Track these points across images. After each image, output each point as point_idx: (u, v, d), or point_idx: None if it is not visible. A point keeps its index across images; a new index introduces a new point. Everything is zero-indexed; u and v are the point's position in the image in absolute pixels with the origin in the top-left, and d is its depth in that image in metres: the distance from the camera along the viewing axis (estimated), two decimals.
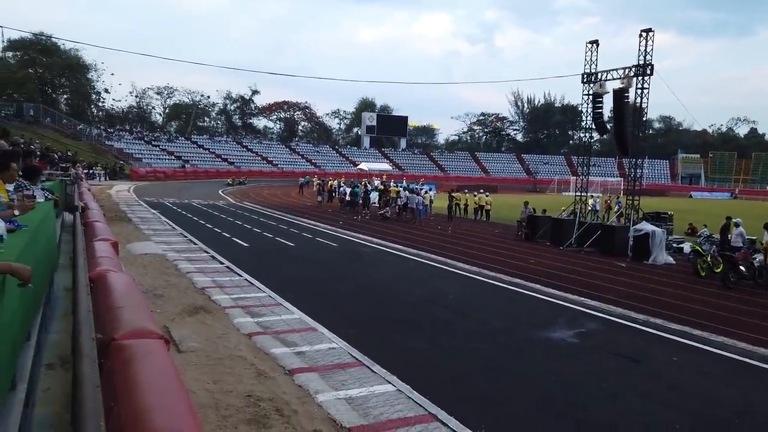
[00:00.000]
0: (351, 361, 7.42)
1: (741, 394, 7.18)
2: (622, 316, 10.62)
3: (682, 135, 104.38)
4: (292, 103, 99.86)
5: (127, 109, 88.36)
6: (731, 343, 9.12)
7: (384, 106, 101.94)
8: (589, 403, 6.57)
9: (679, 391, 7.14)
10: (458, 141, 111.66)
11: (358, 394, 6.31)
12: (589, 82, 20.75)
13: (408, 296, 11.85)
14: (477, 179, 75.24)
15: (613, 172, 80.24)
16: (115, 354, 2.79)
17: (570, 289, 12.77)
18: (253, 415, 5.60)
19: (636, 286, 13.48)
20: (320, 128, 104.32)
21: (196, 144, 75.30)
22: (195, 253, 15.53)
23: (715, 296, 12.82)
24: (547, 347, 8.69)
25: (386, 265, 15.52)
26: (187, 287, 11.27)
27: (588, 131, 22.07)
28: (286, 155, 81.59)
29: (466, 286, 13.17)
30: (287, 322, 9.22)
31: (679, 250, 19.32)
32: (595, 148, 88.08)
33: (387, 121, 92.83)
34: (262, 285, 11.77)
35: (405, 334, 9.08)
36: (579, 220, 20.56)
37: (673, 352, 8.71)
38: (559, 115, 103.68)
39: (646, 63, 18.65)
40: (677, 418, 6.25)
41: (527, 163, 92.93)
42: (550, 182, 69.62)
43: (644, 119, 20.10)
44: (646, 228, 18.14)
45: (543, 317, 10.41)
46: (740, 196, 74.15)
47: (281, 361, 7.25)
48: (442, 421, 5.70)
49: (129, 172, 54.27)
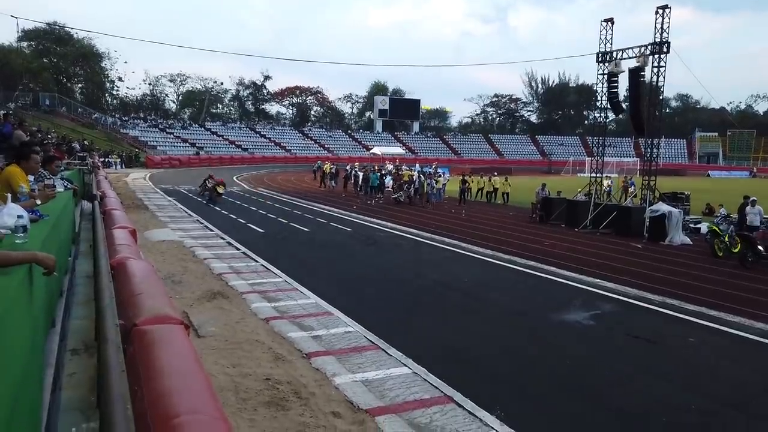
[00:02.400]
0: (367, 345, 7.52)
1: (759, 375, 7.16)
2: (638, 298, 10.59)
3: (699, 113, 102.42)
4: (304, 88, 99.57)
5: (141, 97, 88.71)
6: (749, 323, 9.07)
7: (396, 89, 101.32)
8: (604, 385, 6.60)
9: (695, 372, 7.14)
10: (471, 123, 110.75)
11: (375, 377, 6.40)
12: (604, 62, 20.46)
13: (423, 280, 11.90)
14: (491, 162, 74.78)
15: (629, 152, 79.20)
16: (138, 339, 2.87)
17: (585, 271, 12.74)
18: (271, 397, 5.71)
19: (652, 267, 13.40)
20: (332, 113, 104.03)
21: (210, 131, 75.57)
22: (211, 239, 15.70)
23: (733, 276, 12.71)
24: (563, 329, 8.71)
25: (400, 250, 15.57)
26: (205, 273, 11.43)
27: (603, 111, 21.80)
28: (299, 140, 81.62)
29: (481, 269, 13.18)
30: (303, 306, 9.33)
31: (696, 230, 19.12)
32: (611, 128, 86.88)
33: (399, 104, 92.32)
34: (278, 270, 11.90)
35: (420, 318, 9.15)
36: (594, 202, 20.41)
37: (690, 333, 8.68)
38: (574, 96, 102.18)
39: (662, 41, 18.33)
40: (693, 399, 6.26)
41: (541, 144, 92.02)
42: (564, 164, 68.89)
43: (661, 98, 19.80)
44: (662, 209, 17.96)
45: (558, 300, 10.41)
46: (759, 174, 72.91)
47: (298, 345, 7.36)
48: (457, 403, 5.77)
49: (144, 160, 54.71)
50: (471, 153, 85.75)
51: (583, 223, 19.90)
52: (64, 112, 60.58)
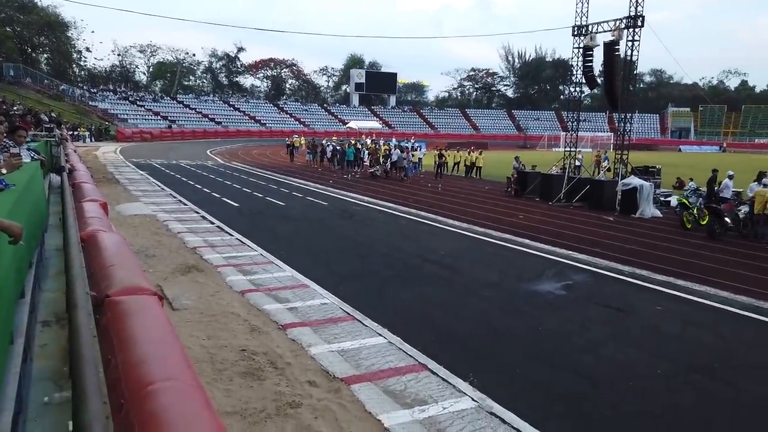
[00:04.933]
0: (343, 316, 7.58)
1: (721, 340, 7.43)
2: (609, 269, 10.84)
3: (672, 88, 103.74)
4: (279, 61, 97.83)
5: (110, 69, 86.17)
6: (713, 292, 9.37)
7: (373, 62, 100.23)
8: (575, 352, 6.79)
9: (662, 338, 7.38)
10: (448, 98, 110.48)
11: (350, 347, 6.47)
12: (579, 35, 20.49)
13: (399, 252, 11.98)
14: (467, 136, 74.96)
15: (603, 127, 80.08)
16: (110, 310, 2.84)
17: (558, 243, 12.96)
18: (247, 368, 5.74)
19: (623, 239, 13.70)
20: (308, 86, 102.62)
21: (182, 104, 74.01)
22: (185, 213, 15.51)
23: (701, 247, 13.07)
24: (535, 299, 8.89)
25: (377, 223, 15.61)
26: (179, 247, 11.32)
27: (578, 86, 21.91)
28: (274, 114, 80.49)
29: (456, 242, 13.31)
30: (279, 279, 9.33)
31: (667, 203, 19.52)
32: (586, 103, 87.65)
33: (376, 78, 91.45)
34: (253, 244, 11.84)
35: (396, 289, 9.23)
36: (568, 176, 20.66)
37: (658, 301, 8.94)
38: (550, 70, 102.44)
39: (637, 14, 18.40)
40: (659, 364, 6.48)
41: (518, 119, 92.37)
42: (540, 138, 69.30)
43: (635, 72, 19.95)
44: (634, 182, 18.27)
45: (531, 271, 10.60)
46: (729, 149, 74.52)
47: (274, 317, 7.38)
48: (432, 371, 5.88)
49: (115, 133, 53.46)
50: (448, 127, 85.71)
51: (557, 197, 20.17)
52: (29, 83, 58.56)
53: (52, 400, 2.82)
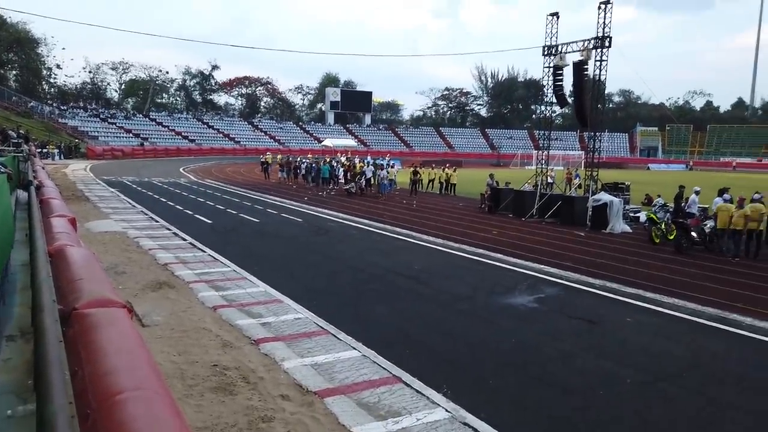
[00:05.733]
0: (317, 330, 7.54)
1: (689, 349, 7.59)
2: (580, 282, 11.01)
3: (640, 108, 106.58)
4: (253, 79, 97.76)
5: (81, 86, 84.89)
6: (682, 304, 9.57)
7: (348, 81, 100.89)
8: (547, 362, 6.86)
9: (632, 349, 7.51)
10: (423, 116, 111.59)
11: (324, 360, 6.43)
12: (549, 55, 20.99)
13: (374, 268, 11.98)
14: (442, 154, 75.62)
15: (575, 145, 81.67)
16: (77, 322, 2.80)
17: (531, 257, 13.13)
18: (219, 383, 5.66)
19: (594, 254, 13.94)
20: (283, 104, 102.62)
21: (155, 121, 73.22)
22: (157, 230, 15.30)
23: (669, 261, 13.36)
24: (508, 312, 8.97)
25: (352, 239, 15.61)
26: (150, 264, 11.14)
27: (550, 105, 22.39)
28: (249, 132, 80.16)
29: (431, 257, 13.38)
30: (252, 295, 9.25)
31: (636, 219, 19.94)
32: (557, 122, 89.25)
33: (351, 96, 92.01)
34: (226, 260, 11.73)
35: (371, 304, 9.22)
36: (540, 192, 20.99)
37: (628, 313, 9.10)
38: (522, 90, 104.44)
39: (604, 35, 18.95)
40: (629, 373, 6.59)
41: (491, 137, 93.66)
42: (513, 156, 70.35)
43: (604, 92, 20.49)
44: (604, 198, 18.66)
45: (505, 284, 10.70)
46: (695, 167, 76.58)
47: (247, 332, 7.31)
48: (405, 383, 5.88)
49: (85, 151, 52.54)
50: (422, 145, 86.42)
51: (530, 213, 20.46)
52: None
53: (15, 413, 2.75)
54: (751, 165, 76.11)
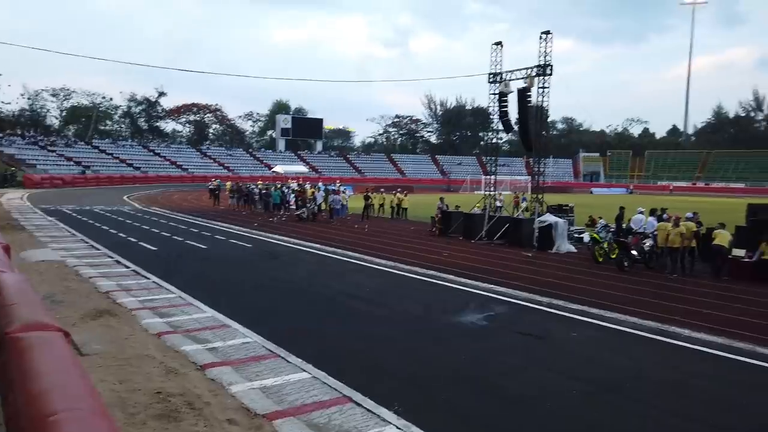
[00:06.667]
0: (266, 354, 7.38)
1: (631, 361, 7.84)
2: (528, 300, 11.24)
3: (583, 135, 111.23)
4: (201, 105, 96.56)
5: (19, 113, 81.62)
6: (624, 318, 9.89)
7: (299, 108, 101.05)
8: (497, 377, 6.93)
9: (577, 362, 7.69)
10: (374, 143, 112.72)
11: (273, 383, 6.29)
12: (495, 82, 21.70)
13: (325, 290, 11.88)
14: (393, 180, 76.26)
15: (521, 171, 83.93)
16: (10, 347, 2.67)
17: (481, 277, 13.32)
18: (162, 410, 5.44)
19: (541, 273, 14.27)
20: (233, 131, 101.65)
21: (98, 149, 71.01)
22: (98, 258, 14.72)
23: (611, 279, 13.82)
24: (459, 330, 9.05)
25: (303, 263, 15.45)
26: (90, 292, 10.68)
27: (496, 132, 23.07)
28: (197, 159, 78.78)
29: (383, 279, 13.39)
30: (199, 320, 8.99)
31: (580, 239, 20.56)
32: (505, 148, 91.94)
33: (302, 123, 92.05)
34: (171, 286, 11.37)
35: (322, 326, 9.12)
36: (489, 215, 21.44)
37: (573, 328, 9.34)
38: (470, 117, 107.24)
39: (546, 63, 19.78)
40: (575, 385, 6.74)
41: (441, 163, 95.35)
42: (463, 182, 71.72)
43: (547, 118, 21.29)
44: (549, 219, 19.22)
45: (455, 304, 10.80)
46: (635, 191, 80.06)
47: (192, 358, 7.07)
48: (356, 402, 5.81)
49: (22, 180, 50.30)
50: (374, 172, 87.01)
51: (479, 235, 20.82)
52: None
53: None
54: (686, 188, 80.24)
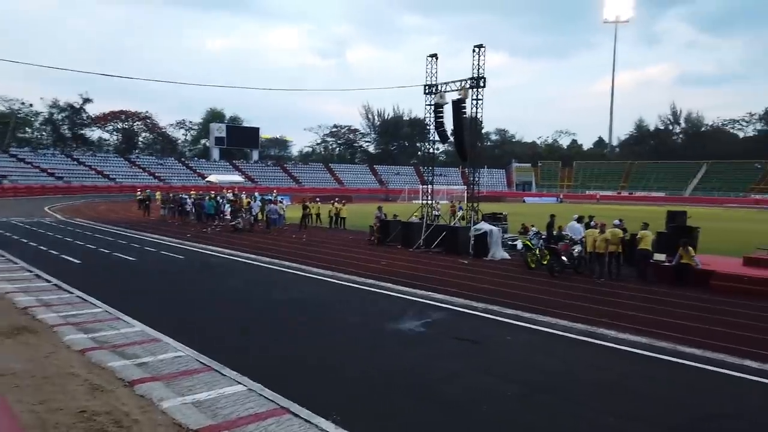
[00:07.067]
0: (199, 367, 7.12)
1: (563, 362, 8.11)
2: (464, 306, 11.44)
3: (515, 146, 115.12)
4: (130, 113, 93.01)
5: None
6: (555, 321, 10.24)
7: (234, 116, 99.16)
8: (435, 383, 6.99)
9: (512, 365, 7.88)
10: (312, 153, 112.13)
11: (207, 397, 6.08)
12: (430, 93, 22.08)
13: (262, 302, 11.64)
14: (332, 190, 76.09)
15: (458, 180, 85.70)
16: None
17: (418, 285, 13.44)
18: (87, 430, 5.14)
19: (477, 279, 14.57)
20: (164, 140, 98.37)
21: (16, 157, 66.93)
22: (16, 272, 13.82)
23: (543, 284, 14.29)
24: (397, 337, 9.08)
25: (239, 274, 15.09)
26: (7, 308, 10.01)
27: (433, 143, 23.47)
28: (125, 168, 75.65)
29: (321, 288, 13.27)
30: (126, 335, 8.58)
31: (514, 246, 21.21)
32: (441, 159, 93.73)
33: (237, 132, 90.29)
34: (97, 301, 10.82)
35: (258, 337, 8.92)
36: (426, 223, 21.72)
37: (508, 333, 9.58)
38: (408, 128, 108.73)
39: (479, 76, 20.33)
40: (510, 388, 6.89)
41: (380, 173, 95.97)
42: (401, 191, 72.46)
43: (481, 129, 21.86)
44: (484, 227, 19.69)
45: (394, 311, 10.83)
46: (565, 200, 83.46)
47: (120, 374, 6.73)
48: (294, 413, 5.70)
49: None
50: (312, 182, 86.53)
51: (417, 243, 21.05)
52: None
53: None
54: (612, 197, 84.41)
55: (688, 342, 8.88)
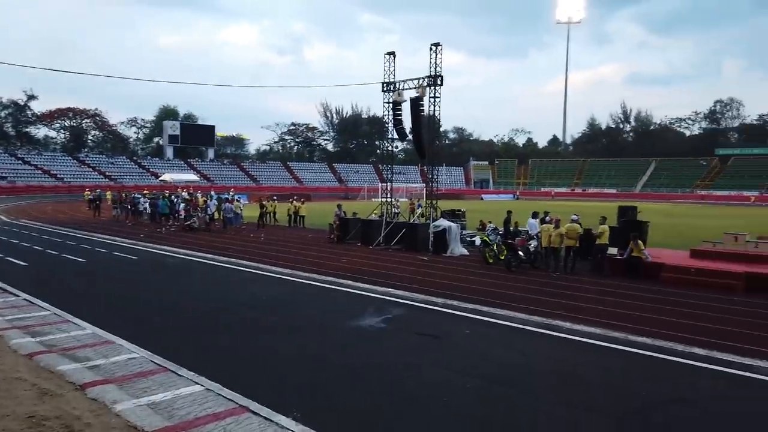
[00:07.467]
0: (154, 369, 6.94)
1: (521, 354, 8.27)
2: (424, 301, 11.52)
3: (473, 144, 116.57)
4: (79, 110, 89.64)
5: None
6: (513, 315, 10.42)
7: (188, 114, 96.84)
8: (395, 378, 7.01)
9: (471, 357, 7.99)
10: (270, 151, 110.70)
11: (163, 399, 5.92)
12: (388, 91, 22.12)
13: (219, 301, 11.43)
14: (290, 189, 75.32)
15: (417, 178, 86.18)
16: None
17: (379, 282, 13.46)
18: None
19: (436, 275, 14.69)
20: (114, 138, 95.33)
21: None
22: None
23: (500, 278, 14.53)
24: (358, 334, 9.07)
25: (195, 274, 14.78)
26: None
27: (392, 141, 23.52)
28: (74, 168, 72.91)
29: (281, 287, 13.13)
30: (77, 338, 8.28)
31: (472, 243, 21.47)
32: (400, 157, 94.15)
33: (192, 130, 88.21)
34: (45, 303, 10.42)
35: (216, 337, 8.75)
36: (386, 221, 21.77)
37: (466, 326, 9.70)
38: (367, 126, 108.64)
39: (436, 74, 20.49)
40: (469, 380, 6.98)
41: (339, 171, 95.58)
42: (360, 189, 72.41)
43: (439, 127, 22.03)
44: (443, 224, 19.89)
45: (354, 308, 10.82)
46: (521, 197, 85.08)
47: (71, 378, 6.48)
48: (253, 411, 5.62)
49: None
50: (270, 180, 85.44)
51: (377, 241, 21.08)
52: None
53: None
54: (567, 194, 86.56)
55: (639, 332, 9.18)
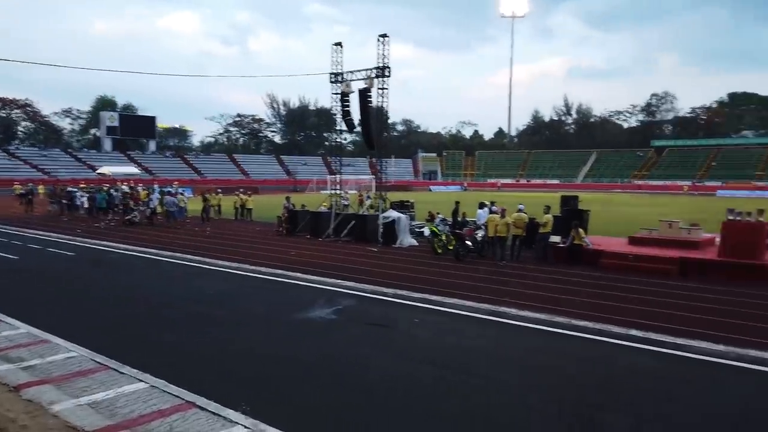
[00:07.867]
0: (94, 367, 6.66)
1: (470, 341, 8.41)
2: (374, 292, 11.55)
3: (421, 136, 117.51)
4: (8, 100, 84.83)
5: None
6: (461, 303, 10.58)
7: (127, 105, 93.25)
8: (346, 369, 6.99)
9: (420, 346, 8.08)
10: (215, 143, 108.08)
11: (104, 397, 5.70)
12: (336, 82, 21.95)
13: (163, 296, 11.09)
14: (237, 181, 73.75)
15: (366, 170, 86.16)
16: None
17: (328, 273, 13.39)
18: None
19: (386, 266, 14.75)
20: (47, 129, 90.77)
21: None
22: None
23: (449, 268, 14.72)
24: (307, 326, 9.00)
25: (136, 269, 14.28)
26: None
27: (340, 133, 23.38)
28: (3, 161, 68.94)
29: (227, 281, 12.86)
30: (10, 338, 7.86)
31: (421, 233, 21.64)
32: (349, 149, 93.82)
33: (131, 121, 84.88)
34: None
35: (160, 333, 8.49)
36: (335, 213, 21.66)
37: (416, 315, 9.79)
38: (315, 118, 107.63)
39: (384, 65, 20.47)
40: (418, 367, 7.05)
41: (286, 164, 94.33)
42: (309, 182, 71.69)
43: (387, 118, 22.05)
44: (392, 215, 19.97)
45: (304, 301, 10.72)
46: (469, 188, 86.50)
47: (4, 379, 6.15)
48: (200, 407, 5.49)
49: None
50: (215, 173, 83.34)
51: (326, 233, 20.96)
52: None
53: None
54: (512, 185, 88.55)
55: (581, 316, 9.50)
